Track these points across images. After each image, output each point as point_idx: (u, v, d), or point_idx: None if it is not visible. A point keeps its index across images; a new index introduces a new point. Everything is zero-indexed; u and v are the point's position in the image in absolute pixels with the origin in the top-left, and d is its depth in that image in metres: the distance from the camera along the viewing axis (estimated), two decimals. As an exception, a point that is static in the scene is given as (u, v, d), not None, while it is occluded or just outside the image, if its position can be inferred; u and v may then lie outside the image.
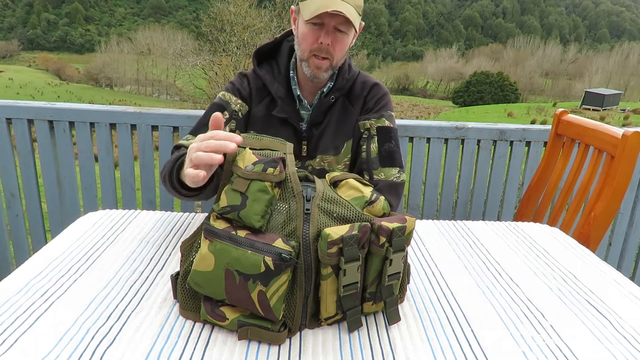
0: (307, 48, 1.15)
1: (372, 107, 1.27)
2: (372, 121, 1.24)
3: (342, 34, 1.14)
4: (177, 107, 2.81)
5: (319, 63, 1.15)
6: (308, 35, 1.14)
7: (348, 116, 1.27)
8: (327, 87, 1.25)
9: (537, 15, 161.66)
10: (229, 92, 1.25)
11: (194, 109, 2.16)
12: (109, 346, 0.67)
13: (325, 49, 1.14)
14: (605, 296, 0.90)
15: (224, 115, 1.21)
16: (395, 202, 1.21)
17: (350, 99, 1.28)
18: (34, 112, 1.91)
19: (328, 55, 1.15)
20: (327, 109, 1.26)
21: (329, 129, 1.26)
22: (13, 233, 2.10)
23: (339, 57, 1.18)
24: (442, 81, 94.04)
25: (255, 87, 1.26)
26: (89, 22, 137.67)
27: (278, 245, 0.68)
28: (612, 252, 2.21)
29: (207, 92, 22.48)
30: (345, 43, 1.17)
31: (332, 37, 1.13)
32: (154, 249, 0.99)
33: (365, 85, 1.29)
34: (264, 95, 1.26)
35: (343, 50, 1.18)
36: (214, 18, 19.46)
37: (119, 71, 73.82)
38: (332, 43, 1.13)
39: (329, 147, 1.26)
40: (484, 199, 2.12)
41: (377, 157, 1.22)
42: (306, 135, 1.26)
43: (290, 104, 1.25)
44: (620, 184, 1.38)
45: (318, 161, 1.28)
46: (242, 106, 1.24)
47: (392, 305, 0.76)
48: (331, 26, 1.12)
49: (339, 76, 1.26)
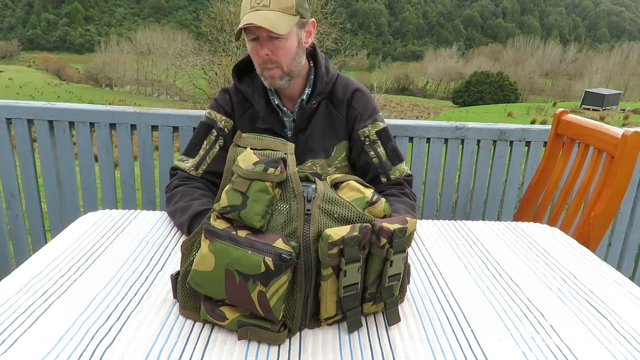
0: (257, 63, 1.21)
1: (361, 113, 1.30)
2: (369, 127, 1.29)
3: (279, 39, 1.15)
4: (177, 107, 2.82)
5: (270, 73, 1.19)
6: (252, 51, 1.19)
7: (334, 120, 1.30)
8: (306, 94, 1.28)
9: (537, 15, 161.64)
10: (213, 109, 1.31)
11: (194, 109, 2.16)
12: (109, 346, 0.67)
13: (268, 60, 1.17)
14: (605, 296, 0.90)
15: (211, 134, 1.27)
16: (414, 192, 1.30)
17: (333, 102, 1.30)
18: (34, 112, 1.91)
19: (275, 63, 1.17)
20: (310, 114, 1.29)
21: (315, 133, 1.29)
22: (13, 233, 2.09)
23: (287, 62, 1.19)
24: (442, 81, 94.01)
25: (236, 101, 1.30)
26: (88, 22, 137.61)
27: (278, 246, 0.68)
28: (612, 252, 2.21)
29: (207, 92, 22.50)
30: (287, 47, 1.17)
31: (269, 46, 1.15)
32: (154, 249, 0.99)
33: (347, 90, 1.31)
34: (246, 108, 1.30)
35: (288, 54, 1.18)
36: (214, 18, 19.45)
37: (119, 71, 73.77)
38: (272, 51, 1.16)
39: (318, 150, 1.30)
40: (484, 199, 2.12)
41: (387, 158, 1.29)
42: (292, 141, 1.29)
43: (272, 114, 1.28)
44: (620, 184, 1.38)
45: (310, 165, 1.31)
46: (226, 122, 1.29)
47: (392, 306, 0.76)
48: (264, 36, 1.14)
49: (317, 81, 1.27)
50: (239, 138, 0.79)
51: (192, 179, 1.23)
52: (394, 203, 1.16)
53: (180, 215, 1.08)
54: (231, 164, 0.76)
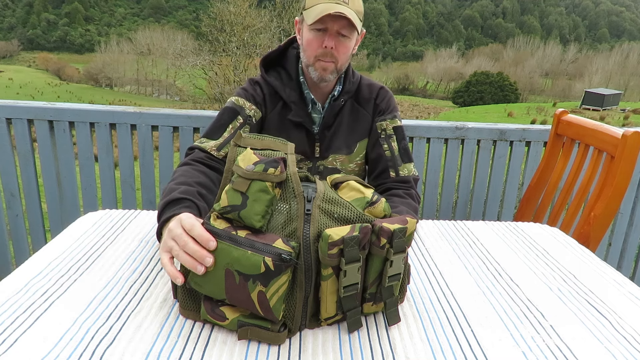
0: (312, 53, 1.21)
1: (384, 108, 1.35)
2: (388, 122, 1.33)
3: (345, 38, 1.19)
4: (177, 107, 2.82)
5: (325, 65, 1.20)
6: (312, 40, 1.19)
7: (360, 118, 1.34)
8: (337, 91, 1.31)
9: (537, 15, 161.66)
10: (242, 97, 1.28)
11: (194, 109, 2.16)
12: (109, 346, 0.67)
13: (329, 53, 1.19)
14: (605, 296, 0.90)
15: (237, 120, 1.23)
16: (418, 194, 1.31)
17: (358, 101, 1.35)
18: (34, 112, 1.91)
19: (333, 58, 1.20)
20: (337, 112, 1.32)
21: (341, 130, 1.33)
22: (13, 233, 2.10)
23: (343, 61, 1.23)
24: (442, 81, 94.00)
25: (268, 93, 1.30)
26: (89, 22, 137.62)
27: (278, 246, 0.68)
28: (612, 252, 2.21)
29: (207, 92, 22.51)
30: (348, 47, 1.21)
31: (335, 41, 1.18)
32: (154, 249, 0.99)
33: (372, 89, 1.36)
34: (276, 101, 1.30)
35: (347, 53, 1.22)
36: (214, 18, 19.48)
37: (119, 71, 73.80)
38: (335, 47, 1.18)
39: (341, 147, 1.33)
40: (484, 199, 2.12)
41: (399, 154, 1.31)
42: (319, 137, 1.32)
43: (303, 108, 1.30)
44: (620, 184, 1.38)
45: (330, 160, 1.33)
46: (256, 112, 1.27)
47: (392, 306, 0.76)
48: (334, 30, 1.17)
49: (346, 80, 1.32)
50: (239, 138, 0.79)
51: (211, 159, 1.13)
52: (398, 205, 1.16)
53: (163, 197, 0.96)
54: (231, 164, 0.76)
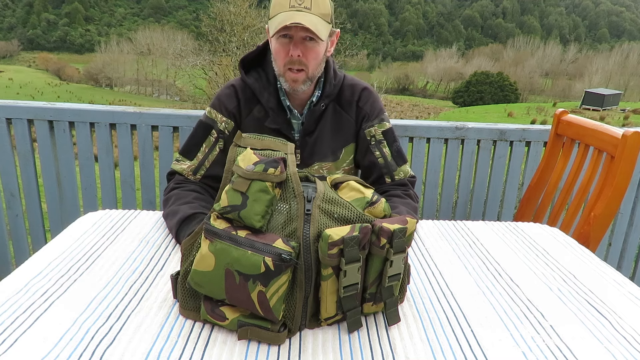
0: (281, 63, 1.17)
1: (369, 112, 1.29)
2: (376, 127, 1.29)
3: (313, 43, 1.14)
4: (177, 107, 2.81)
5: (294, 76, 1.17)
6: (279, 50, 1.16)
7: (343, 122, 1.29)
8: (316, 97, 1.26)
9: (537, 15, 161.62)
10: (215, 109, 1.27)
11: (194, 109, 2.16)
12: (109, 346, 0.67)
13: (297, 61, 1.15)
14: (605, 296, 0.90)
15: (211, 135, 1.24)
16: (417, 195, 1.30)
17: (340, 104, 1.29)
18: (34, 112, 1.91)
19: (302, 66, 1.16)
20: (318, 117, 1.27)
21: (324, 136, 1.28)
22: (13, 233, 2.10)
23: (314, 66, 1.18)
24: (442, 81, 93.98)
25: (243, 97, 1.26)
26: (89, 22, 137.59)
27: (278, 246, 0.68)
28: (612, 252, 2.21)
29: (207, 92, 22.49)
30: (318, 51, 1.16)
31: (301, 48, 1.14)
32: (154, 249, 0.99)
33: (355, 90, 1.30)
34: (253, 104, 1.27)
35: (317, 58, 1.17)
36: (214, 18, 19.48)
37: (119, 71, 73.76)
38: (303, 53, 1.14)
39: (327, 154, 1.29)
40: (484, 199, 2.12)
41: (392, 158, 1.28)
42: (299, 144, 1.28)
43: (281, 115, 1.26)
44: (620, 184, 1.38)
45: (316, 168, 1.30)
46: (227, 124, 1.25)
47: (392, 306, 0.76)
48: (299, 37, 1.13)
49: (326, 83, 1.27)
50: (239, 138, 0.79)
51: (191, 182, 1.21)
52: (398, 205, 1.15)
53: (170, 218, 1.07)
54: (231, 164, 0.76)
